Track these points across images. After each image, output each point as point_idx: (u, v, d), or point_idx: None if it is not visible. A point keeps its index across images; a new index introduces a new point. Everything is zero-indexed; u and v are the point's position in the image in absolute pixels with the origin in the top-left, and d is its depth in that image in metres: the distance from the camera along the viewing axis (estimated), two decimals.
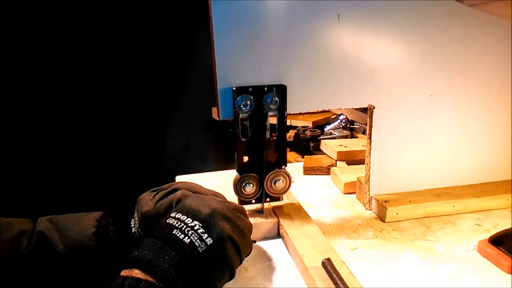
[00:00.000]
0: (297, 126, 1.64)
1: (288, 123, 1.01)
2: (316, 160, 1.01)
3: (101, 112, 1.22)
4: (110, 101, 1.22)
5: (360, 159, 0.90)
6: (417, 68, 0.72)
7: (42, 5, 1.09)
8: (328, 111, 1.66)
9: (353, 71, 0.70)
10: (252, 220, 0.66)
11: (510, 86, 0.77)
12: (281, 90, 0.65)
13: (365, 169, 0.77)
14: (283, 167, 0.69)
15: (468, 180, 0.80)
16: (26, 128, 1.15)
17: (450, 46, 0.72)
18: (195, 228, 0.50)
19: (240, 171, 0.67)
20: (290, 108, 0.67)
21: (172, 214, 0.52)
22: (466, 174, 0.80)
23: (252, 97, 0.64)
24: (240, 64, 0.64)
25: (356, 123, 1.54)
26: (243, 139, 0.66)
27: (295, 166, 1.02)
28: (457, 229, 0.70)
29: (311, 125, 1.65)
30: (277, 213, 0.71)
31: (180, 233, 0.49)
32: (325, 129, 1.53)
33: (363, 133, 1.44)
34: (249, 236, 0.56)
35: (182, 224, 0.50)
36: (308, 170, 0.98)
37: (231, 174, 0.69)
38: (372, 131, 0.73)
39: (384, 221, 0.73)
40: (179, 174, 0.92)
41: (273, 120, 0.67)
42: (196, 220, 0.51)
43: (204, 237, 0.49)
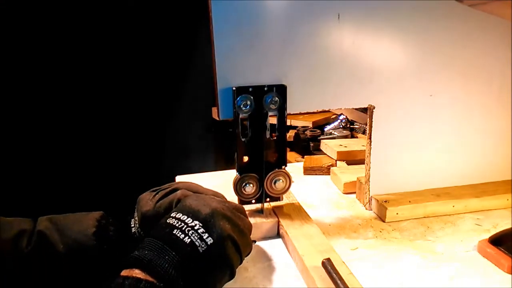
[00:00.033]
0: (297, 126, 1.64)
1: (288, 123, 1.01)
2: (316, 160, 1.01)
3: (101, 112, 1.22)
4: (110, 101, 1.22)
5: (360, 159, 0.90)
6: (417, 68, 0.72)
7: (42, 5, 1.09)
8: (328, 111, 1.66)
9: (353, 71, 0.70)
10: (252, 220, 0.66)
11: (510, 86, 0.77)
12: (281, 90, 0.65)
13: (365, 169, 0.77)
14: (283, 167, 0.69)
15: (468, 180, 0.80)
16: (26, 128, 1.15)
17: (450, 46, 0.72)
18: (196, 228, 0.50)
19: (240, 171, 0.67)
20: (290, 108, 0.67)
21: (173, 214, 0.52)
22: (466, 174, 0.80)
23: (252, 97, 0.64)
24: (240, 64, 0.64)
25: (356, 123, 1.54)
26: (243, 139, 0.66)
27: (295, 166, 1.02)
28: (457, 229, 0.70)
29: (311, 125, 1.65)
30: (277, 213, 0.71)
31: (181, 233, 0.49)
32: (325, 129, 1.53)
33: (363, 133, 1.44)
34: (249, 236, 0.56)
35: (183, 224, 0.50)
36: (308, 170, 0.98)
37: (231, 174, 0.69)
38: (372, 131, 0.73)
39: (384, 221, 0.73)
40: (179, 174, 0.92)
41: (273, 120, 0.67)
42: (197, 220, 0.51)
43: (205, 237, 0.49)
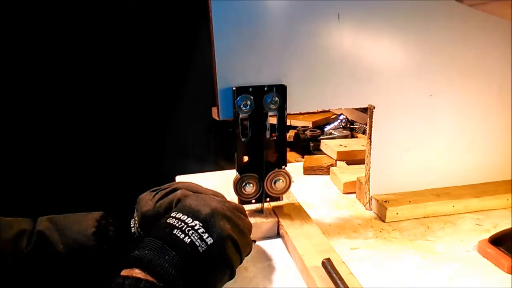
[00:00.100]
0: (297, 126, 1.64)
1: (288, 123, 1.01)
2: (316, 160, 1.01)
3: (102, 112, 1.22)
4: (110, 101, 1.22)
5: (360, 159, 0.90)
6: (417, 68, 0.72)
7: (42, 5, 1.09)
8: (328, 111, 1.66)
9: (353, 71, 0.70)
10: (252, 220, 0.66)
11: (510, 86, 0.77)
12: (281, 90, 0.65)
13: (365, 169, 0.77)
14: (283, 167, 0.69)
15: (468, 180, 0.80)
16: (27, 129, 1.15)
17: (450, 46, 0.72)
18: (196, 228, 0.50)
19: (240, 171, 0.67)
20: (290, 108, 0.67)
21: (173, 214, 0.52)
22: (466, 174, 0.80)
23: (252, 97, 0.64)
24: (240, 64, 0.64)
25: (356, 123, 1.54)
26: (243, 139, 0.66)
27: (295, 166, 1.02)
28: (457, 229, 0.70)
29: (311, 125, 1.65)
30: (277, 213, 0.71)
31: (181, 233, 0.49)
32: (325, 129, 1.53)
33: (363, 133, 1.44)
34: (249, 236, 0.56)
35: (183, 224, 0.50)
36: (308, 170, 0.98)
37: (231, 174, 0.69)
38: (372, 131, 0.73)
39: (384, 221, 0.73)
40: (179, 174, 0.92)
41: (273, 120, 0.67)
42: (197, 220, 0.51)
43: (205, 237, 0.49)
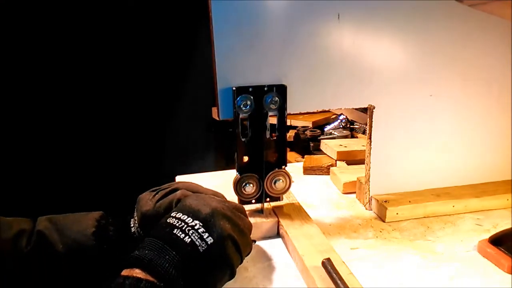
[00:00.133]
0: (297, 126, 1.63)
1: (288, 123, 1.01)
2: (316, 160, 1.01)
3: (102, 112, 1.22)
4: (111, 101, 1.22)
5: (360, 159, 0.90)
6: (417, 68, 0.72)
7: (42, 5, 1.09)
8: (328, 111, 1.66)
9: (353, 71, 0.70)
10: (252, 220, 0.66)
11: (510, 86, 0.77)
12: (281, 90, 0.65)
13: (365, 169, 0.77)
14: (283, 167, 0.69)
15: (468, 180, 0.80)
16: (27, 128, 1.15)
17: (450, 46, 0.72)
18: (196, 228, 0.50)
19: (240, 171, 0.67)
20: (290, 108, 0.67)
21: (173, 214, 0.52)
22: (466, 174, 0.80)
23: (252, 97, 0.64)
24: (240, 64, 0.64)
25: (356, 123, 1.54)
26: (243, 139, 0.66)
27: (295, 166, 1.02)
28: (457, 229, 0.70)
29: (311, 125, 1.65)
30: (277, 213, 0.71)
31: (181, 233, 0.49)
32: (325, 129, 1.53)
33: (363, 133, 1.44)
34: (249, 236, 0.56)
35: (183, 224, 0.50)
36: (308, 170, 0.98)
37: (231, 174, 0.69)
38: (372, 131, 0.73)
39: (384, 221, 0.73)
40: (179, 174, 0.92)
41: (273, 120, 0.67)
42: (197, 220, 0.51)
43: (205, 237, 0.49)
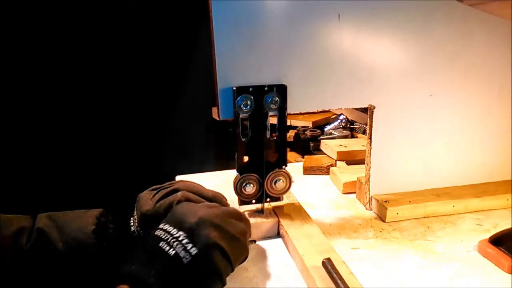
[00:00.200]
0: (297, 126, 1.63)
1: (288, 123, 1.01)
2: (316, 160, 1.01)
3: (102, 112, 1.22)
4: (111, 101, 1.22)
5: (360, 159, 0.90)
6: (417, 68, 0.72)
7: (42, 5, 1.09)
8: (328, 111, 1.66)
9: (353, 71, 0.70)
10: (252, 220, 0.66)
11: (510, 86, 0.77)
12: (281, 90, 0.65)
13: (365, 169, 0.77)
14: (283, 167, 0.69)
15: (468, 180, 0.80)
16: (27, 128, 1.15)
17: (450, 46, 0.72)
18: (180, 239, 0.49)
19: (240, 171, 0.67)
20: (290, 108, 0.67)
21: (161, 226, 0.52)
22: (466, 174, 0.80)
23: (252, 97, 0.64)
24: (240, 64, 0.64)
25: (356, 123, 1.54)
26: (243, 139, 0.66)
27: (295, 166, 1.02)
28: (457, 229, 0.70)
29: (311, 125, 1.65)
30: (277, 213, 0.70)
31: (166, 245, 0.49)
32: (325, 129, 1.53)
33: (363, 133, 1.44)
34: (244, 240, 0.55)
35: (168, 236, 0.50)
36: (308, 170, 0.98)
37: (231, 174, 0.69)
38: (372, 131, 0.73)
39: (384, 221, 0.73)
40: (179, 174, 0.92)
41: (273, 120, 0.67)
42: (181, 230, 0.50)
43: (188, 248, 0.48)
